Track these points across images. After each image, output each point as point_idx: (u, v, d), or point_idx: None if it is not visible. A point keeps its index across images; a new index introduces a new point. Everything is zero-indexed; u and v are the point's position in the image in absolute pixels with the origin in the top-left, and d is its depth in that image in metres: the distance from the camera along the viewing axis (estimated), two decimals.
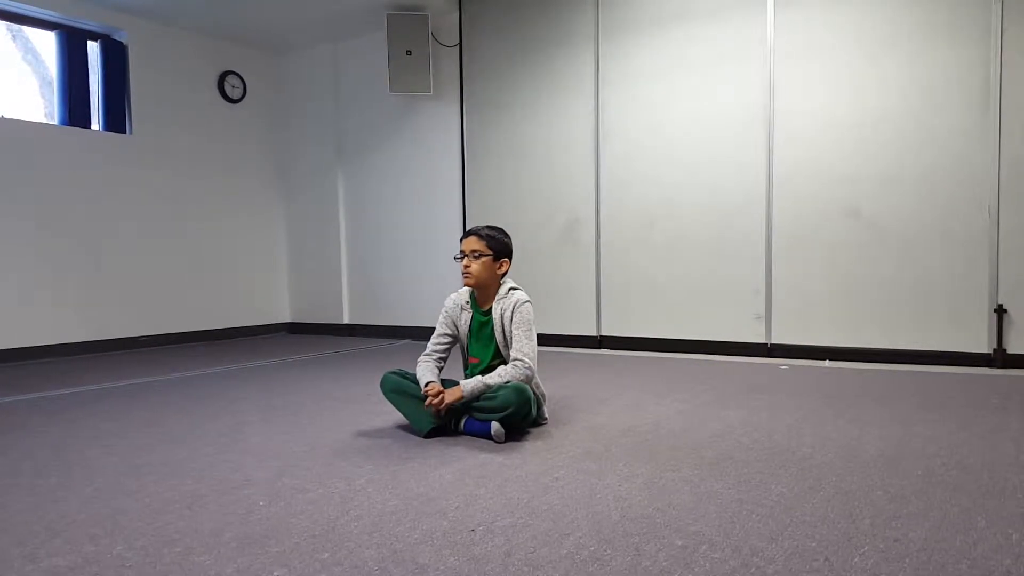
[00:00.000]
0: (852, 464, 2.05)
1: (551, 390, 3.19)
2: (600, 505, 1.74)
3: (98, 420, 2.89)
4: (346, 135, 6.24)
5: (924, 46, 3.91)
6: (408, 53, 5.41)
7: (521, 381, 2.43)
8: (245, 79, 6.28)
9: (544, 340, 4.45)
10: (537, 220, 5.21)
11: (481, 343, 2.63)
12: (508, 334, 2.54)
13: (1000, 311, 3.78)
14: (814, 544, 1.48)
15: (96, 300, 5.26)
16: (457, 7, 5.49)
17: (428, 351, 2.65)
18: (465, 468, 2.08)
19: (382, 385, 2.63)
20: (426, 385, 2.45)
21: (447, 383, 2.54)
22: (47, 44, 5.23)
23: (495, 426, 2.35)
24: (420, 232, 5.87)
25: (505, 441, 2.36)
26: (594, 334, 5.02)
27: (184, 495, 1.89)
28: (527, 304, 2.56)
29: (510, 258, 2.66)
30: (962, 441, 2.30)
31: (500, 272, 2.62)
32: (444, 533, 1.58)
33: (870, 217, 4.08)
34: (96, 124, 5.41)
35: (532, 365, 2.48)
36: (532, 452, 2.25)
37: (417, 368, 2.59)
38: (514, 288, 2.62)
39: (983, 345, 3.84)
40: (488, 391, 2.41)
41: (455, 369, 2.81)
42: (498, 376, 2.44)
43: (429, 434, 2.45)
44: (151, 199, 5.62)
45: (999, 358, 3.77)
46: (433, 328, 2.74)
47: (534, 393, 2.48)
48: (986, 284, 3.82)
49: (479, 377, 2.45)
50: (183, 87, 5.82)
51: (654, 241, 4.76)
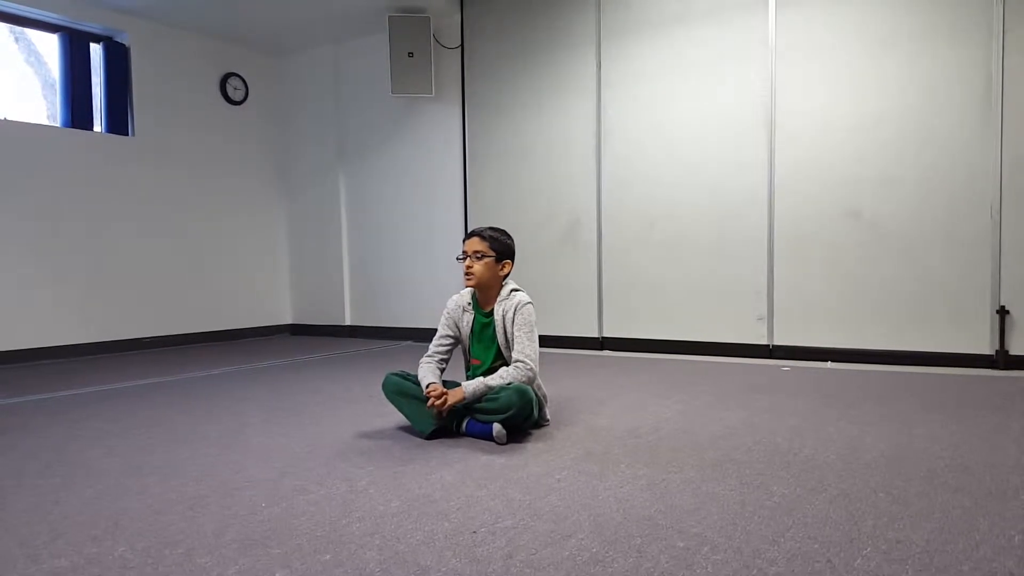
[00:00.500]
0: (854, 465, 2.05)
1: (553, 391, 3.18)
2: (602, 507, 1.74)
3: (100, 421, 2.90)
4: (348, 136, 6.25)
5: (925, 46, 3.91)
6: (410, 55, 5.42)
7: (523, 382, 2.43)
8: (247, 80, 6.29)
9: (546, 341, 4.46)
10: (538, 221, 5.21)
11: (483, 344, 2.63)
12: (510, 335, 2.54)
13: (1002, 312, 3.77)
14: (816, 546, 1.48)
15: (98, 301, 5.27)
16: (459, 9, 5.49)
17: (430, 352, 2.66)
18: (467, 469, 2.08)
19: (384, 386, 2.63)
20: (428, 386, 2.46)
21: (449, 384, 2.54)
22: (50, 46, 5.24)
23: (497, 427, 2.35)
24: (422, 233, 5.87)
25: (507, 443, 2.36)
26: (596, 335, 5.02)
27: (186, 496, 1.89)
28: (529, 305, 2.56)
29: (512, 259, 2.66)
30: (964, 443, 2.29)
31: (502, 273, 2.63)
32: (446, 534, 1.58)
33: (872, 218, 4.08)
34: (98, 126, 5.42)
35: (534, 367, 2.48)
36: (534, 454, 2.25)
37: (419, 369, 2.59)
38: (516, 289, 2.62)
39: (985, 346, 3.83)
40: (490, 392, 2.41)
41: (457, 370, 2.81)
42: (500, 377, 2.44)
43: (431, 435, 2.45)
44: (153, 200, 5.63)
45: (1001, 359, 3.77)
46: (435, 329, 2.74)
47: (536, 394, 2.47)
48: (988, 285, 3.81)
49: (481, 378, 2.45)
50: (185, 89, 5.83)
51: (655, 242, 4.76)
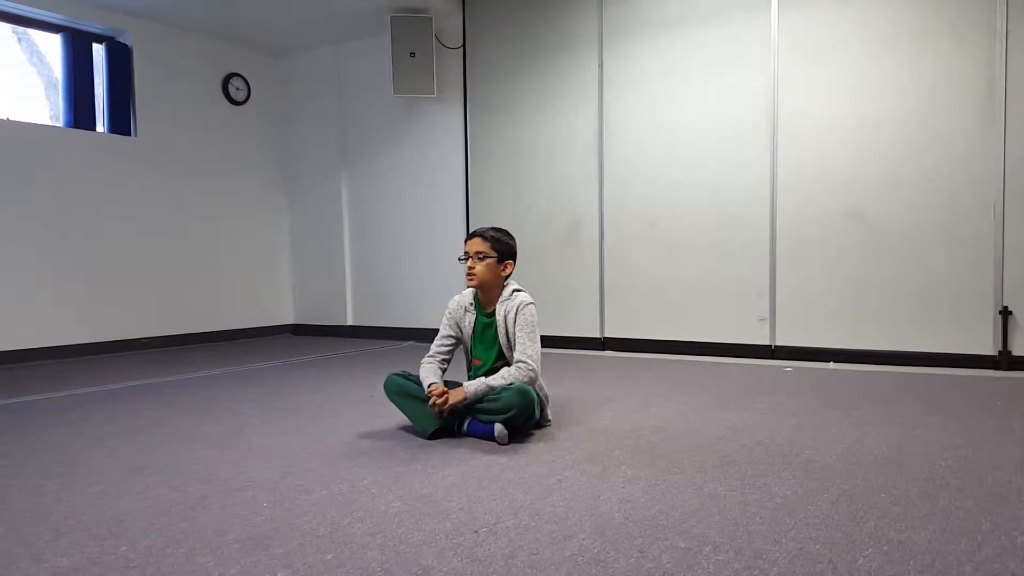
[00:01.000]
0: (856, 466, 2.05)
1: (555, 392, 3.18)
2: (603, 507, 1.74)
3: (101, 421, 2.90)
4: (350, 137, 6.25)
5: (927, 46, 3.90)
6: (412, 55, 5.42)
7: (524, 383, 2.43)
8: (249, 81, 6.29)
9: (547, 342, 4.44)
10: (540, 221, 5.21)
11: (484, 345, 2.64)
12: (511, 336, 2.54)
13: (1005, 313, 3.76)
14: (818, 546, 1.48)
15: (101, 301, 5.28)
16: (461, 9, 5.50)
17: (432, 353, 2.66)
18: (468, 470, 2.08)
19: (385, 386, 2.63)
20: (429, 386, 2.46)
21: (450, 384, 2.54)
22: (52, 46, 5.25)
23: (498, 428, 2.35)
24: (423, 234, 5.87)
25: (508, 443, 2.36)
26: (598, 336, 5.02)
27: (188, 496, 1.89)
28: (530, 306, 2.56)
29: (514, 260, 2.66)
30: (966, 443, 2.29)
31: (504, 274, 2.63)
32: (447, 535, 1.58)
33: (874, 218, 4.07)
34: (101, 126, 5.43)
35: (536, 367, 2.48)
36: (535, 454, 2.25)
37: (420, 370, 2.59)
38: (518, 290, 2.62)
39: (988, 347, 3.82)
40: (491, 393, 2.41)
41: (459, 371, 2.81)
42: (501, 378, 2.44)
43: (432, 436, 2.45)
44: (155, 201, 5.63)
45: (1004, 360, 3.76)
46: (437, 330, 2.74)
47: (537, 395, 2.47)
48: (991, 286, 3.81)
49: (482, 379, 2.45)
50: (187, 89, 5.84)
51: (657, 242, 4.75)
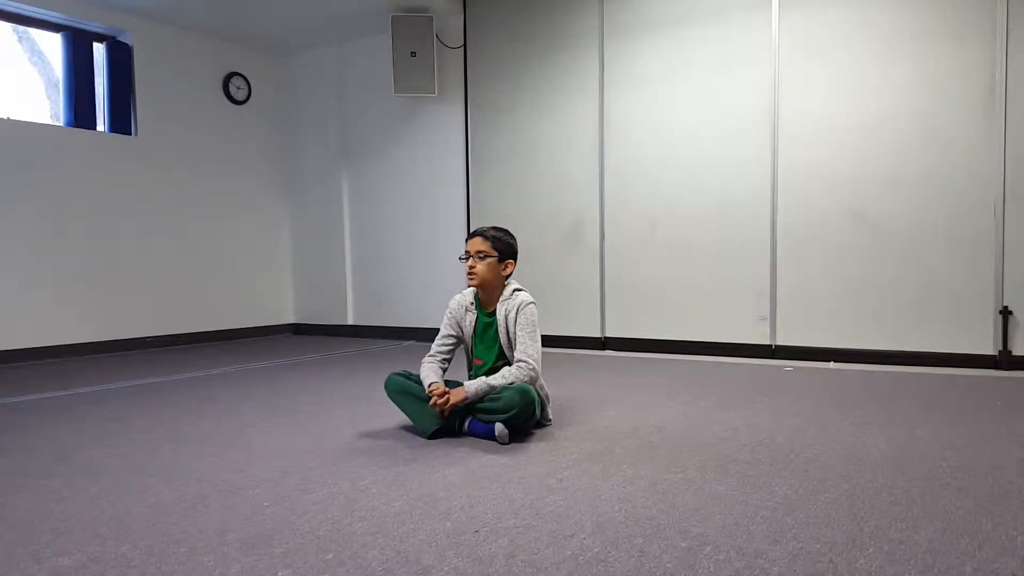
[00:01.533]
0: (856, 466, 2.05)
1: (555, 391, 3.18)
2: (604, 507, 1.74)
3: (102, 421, 2.90)
4: (350, 136, 6.25)
5: (928, 46, 3.90)
6: (412, 55, 5.42)
7: (525, 382, 2.43)
8: (250, 80, 6.29)
9: (548, 341, 4.43)
10: (541, 221, 5.21)
11: (485, 344, 2.64)
12: (512, 335, 2.54)
13: (1006, 313, 3.76)
14: (818, 546, 1.48)
15: (101, 301, 5.28)
16: (462, 9, 5.49)
17: (432, 352, 2.66)
18: (469, 469, 2.08)
19: (386, 386, 2.63)
20: (430, 386, 2.46)
21: (451, 384, 2.54)
22: (53, 46, 5.25)
23: (499, 427, 2.35)
24: (424, 233, 5.87)
25: (509, 442, 2.36)
26: (598, 335, 5.02)
27: (188, 495, 1.89)
28: (531, 305, 2.56)
29: (515, 259, 2.66)
30: (967, 443, 2.29)
31: (505, 273, 2.63)
32: (448, 534, 1.58)
33: (875, 218, 4.07)
34: (101, 125, 5.43)
35: (536, 366, 2.48)
36: (536, 453, 2.25)
37: (421, 369, 2.59)
38: (519, 289, 2.62)
39: (988, 347, 3.82)
40: (492, 392, 2.41)
41: (459, 370, 2.81)
42: (502, 377, 2.44)
43: (433, 435, 2.45)
44: (156, 200, 5.63)
45: (1004, 360, 3.76)
46: (437, 329, 2.74)
47: (538, 394, 2.47)
48: (991, 285, 3.81)
49: (483, 378, 2.45)
50: (188, 88, 5.84)
51: (658, 242, 4.75)
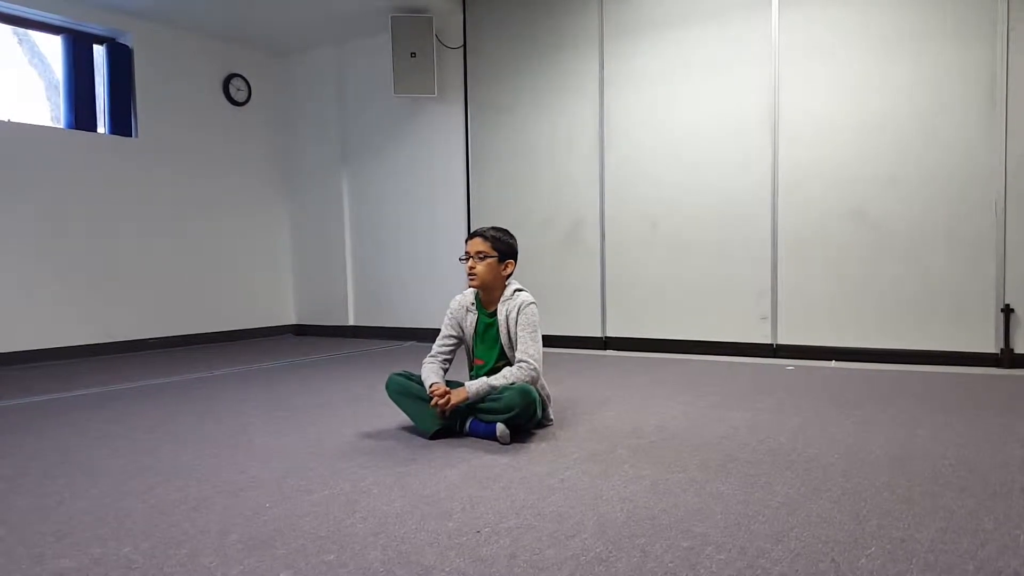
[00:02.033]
0: (858, 465, 2.05)
1: (556, 391, 3.18)
2: (606, 506, 1.74)
3: (103, 422, 2.90)
4: (350, 137, 6.25)
5: (929, 45, 3.90)
6: (412, 55, 5.42)
7: (526, 382, 2.43)
8: (250, 81, 6.29)
9: (549, 341, 4.43)
10: (541, 221, 5.20)
11: (486, 345, 2.64)
12: (513, 335, 2.54)
13: (1007, 311, 3.76)
14: (820, 545, 1.48)
15: (102, 302, 5.28)
16: (461, 9, 5.49)
17: (433, 352, 2.66)
18: (470, 470, 2.08)
19: (387, 387, 2.63)
20: (431, 386, 2.46)
21: (452, 384, 2.54)
22: (53, 48, 5.25)
23: (500, 427, 2.35)
24: (425, 233, 5.87)
25: (510, 443, 2.36)
26: (599, 335, 5.02)
27: (190, 497, 1.89)
28: (532, 305, 2.56)
29: (515, 259, 2.66)
30: (969, 442, 2.29)
31: (505, 273, 2.62)
32: (449, 534, 1.58)
33: (876, 217, 4.07)
34: (102, 127, 5.43)
35: (537, 366, 2.48)
36: (537, 454, 2.25)
37: (422, 370, 2.59)
38: (519, 289, 2.62)
39: (990, 345, 3.82)
40: (493, 392, 2.41)
41: (460, 371, 2.81)
42: (503, 377, 2.44)
43: (434, 436, 2.45)
44: (156, 201, 5.63)
45: (1006, 358, 3.76)
46: (438, 329, 2.74)
47: (539, 394, 2.47)
48: (993, 283, 3.80)
49: (484, 378, 2.45)
50: (188, 90, 5.84)
51: (659, 242, 4.75)
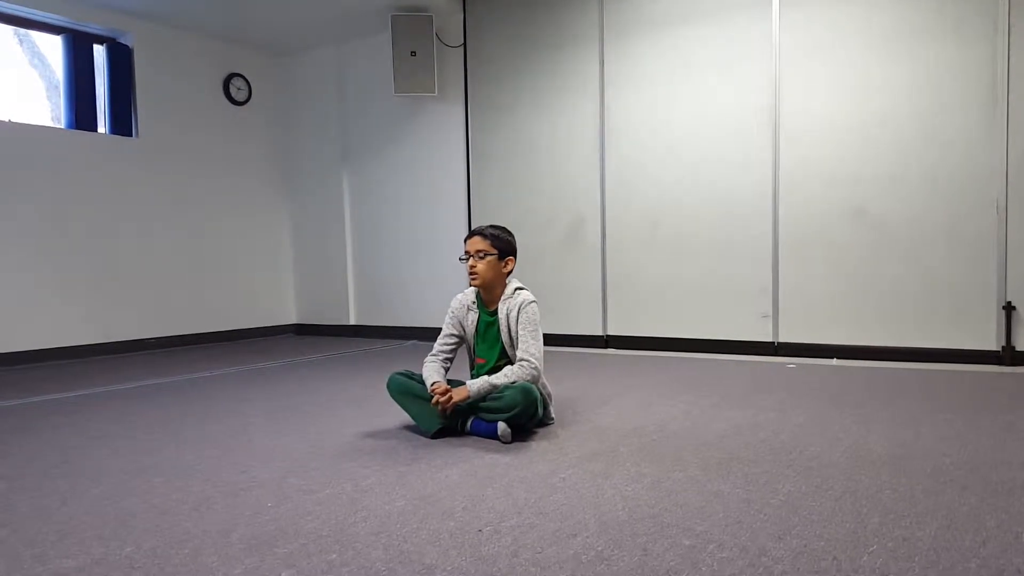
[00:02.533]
0: (859, 463, 2.05)
1: (557, 390, 3.18)
2: (607, 505, 1.74)
3: (105, 422, 2.91)
4: (351, 136, 6.25)
5: (929, 44, 3.89)
6: (412, 54, 5.42)
7: (527, 381, 2.43)
8: (250, 81, 6.30)
9: (550, 340, 4.43)
10: (542, 220, 5.20)
11: (487, 343, 2.64)
12: (514, 334, 2.54)
13: (1009, 308, 3.75)
14: (822, 543, 1.48)
15: (103, 302, 5.29)
16: (461, 8, 5.49)
17: (434, 351, 2.66)
18: (472, 469, 2.08)
19: (388, 386, 2.63)
20: (432, 385, 2.46)
21: (453, 383, 2.54)
22: (53, 48, 5.26)
23: (502, 426, 2.35)
24: (425, 233, 5.87)
25: (512, 441, 2.36)
26: (600, 334, 5.02)
27: (192, 496, 1.89)
28: (533, 304, 2.56)
29: (515, 256, 2.66)
30: (970, 440, 2.28)
31: (505, 271, 2.63)
32: (451, 533, 1.58)
33: (877, 216, 4.06)
34: (102, 127, 5.43)
35: (538, 365, 2.48)
36: (539, 452, 2.25)
37: (423, 368, 2.59)
38: (520, 288, 2.62)
39: (991, 343, 3.81)
40: (494, 391, 2.41)
41: (461, 369, 2.81)
42: (504, 376, 2.44)
43: (436, 435, 2.46)
44: (157, 201, 5.64)
45: (1008, 356, 3.75)
46: (439, 328, 2.74)
47: (540, 393, 2.47)
48: (994, 281, 3.80)
49: (485, 377, 2.45)
50: (188, 90, 5.84)
51: (660, 241, 4.75)
